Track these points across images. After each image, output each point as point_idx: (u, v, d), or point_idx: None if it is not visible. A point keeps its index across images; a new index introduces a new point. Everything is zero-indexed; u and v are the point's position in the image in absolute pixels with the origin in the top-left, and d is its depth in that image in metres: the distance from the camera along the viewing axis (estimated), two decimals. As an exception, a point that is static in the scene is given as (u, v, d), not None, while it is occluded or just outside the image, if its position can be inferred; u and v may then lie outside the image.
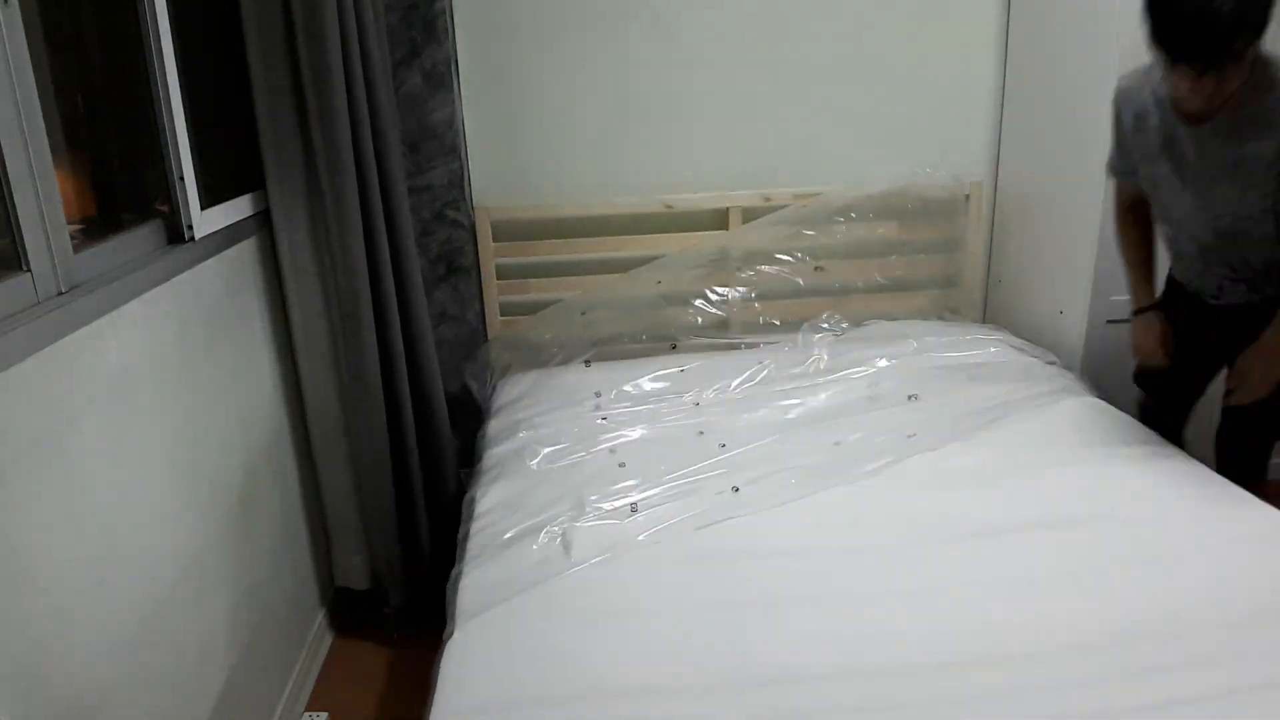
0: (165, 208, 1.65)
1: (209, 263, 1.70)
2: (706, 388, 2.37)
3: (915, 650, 1.33)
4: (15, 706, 1.06)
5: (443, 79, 2.40)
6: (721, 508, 1.76)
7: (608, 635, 1.40)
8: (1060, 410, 2.16)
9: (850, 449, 2.00)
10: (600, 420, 2.21)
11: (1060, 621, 1.38)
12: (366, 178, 2.00)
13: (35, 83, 1.23)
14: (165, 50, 1.61)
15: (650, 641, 1.38)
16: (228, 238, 1.80)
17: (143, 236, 1.56)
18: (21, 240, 1.21)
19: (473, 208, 2.61)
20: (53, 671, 1.16)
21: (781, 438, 2.08)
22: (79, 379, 1.26)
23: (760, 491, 1.82)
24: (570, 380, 2.46)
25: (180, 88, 1.65)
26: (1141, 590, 1.46)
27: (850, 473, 1.89)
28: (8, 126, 1.17)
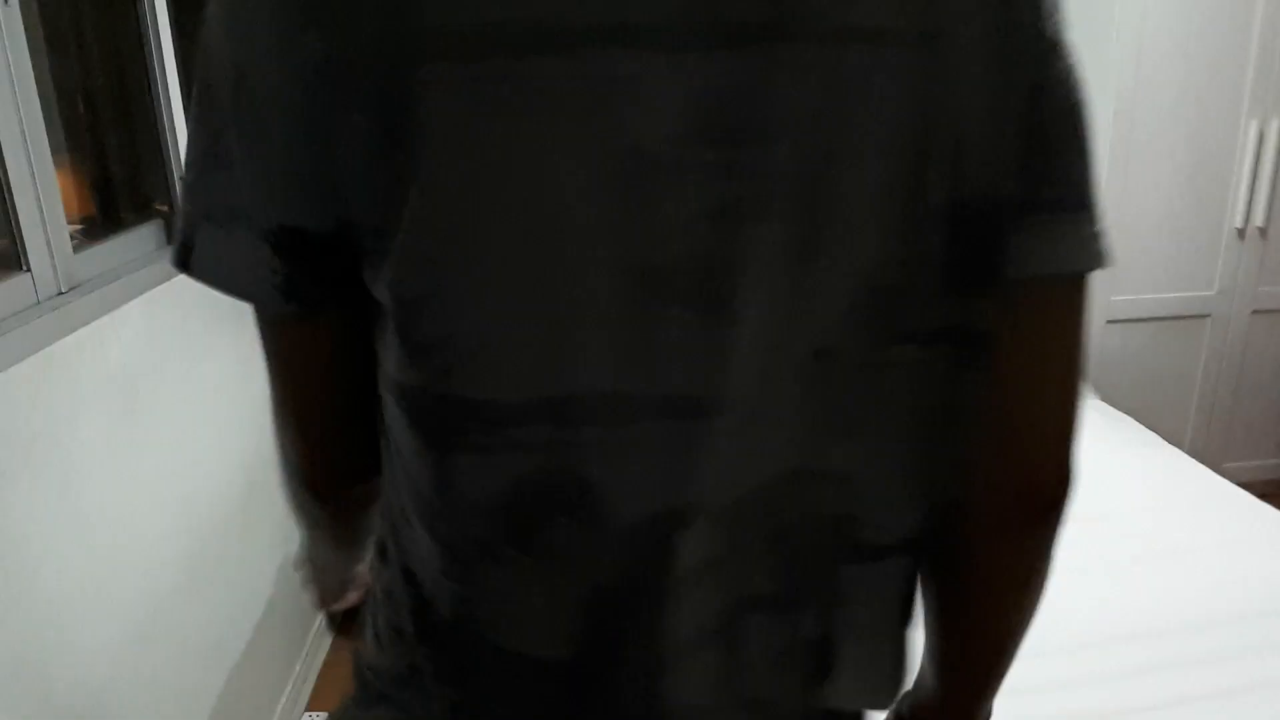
0: (165, 208, 1.65)
1: (209, 263, 1.70)
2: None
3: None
4: (15, 706, 1.06)
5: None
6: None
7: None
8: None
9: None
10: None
11: (1060, 621, 1.38)
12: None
13: (35, 83, 1.23)
14: (165, 50, 1.61)
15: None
16: (228, 238, 1.80)
17: (143, 236, 1.56)
18: (21, 240, 1.21)
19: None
20: (52, 671, 1.16)
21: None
22: (79, 379, 1.26)
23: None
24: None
25: (180, 88, 1.65)
26: (1141, 590, 1.46)
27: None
28: (8, 126, 1.17)
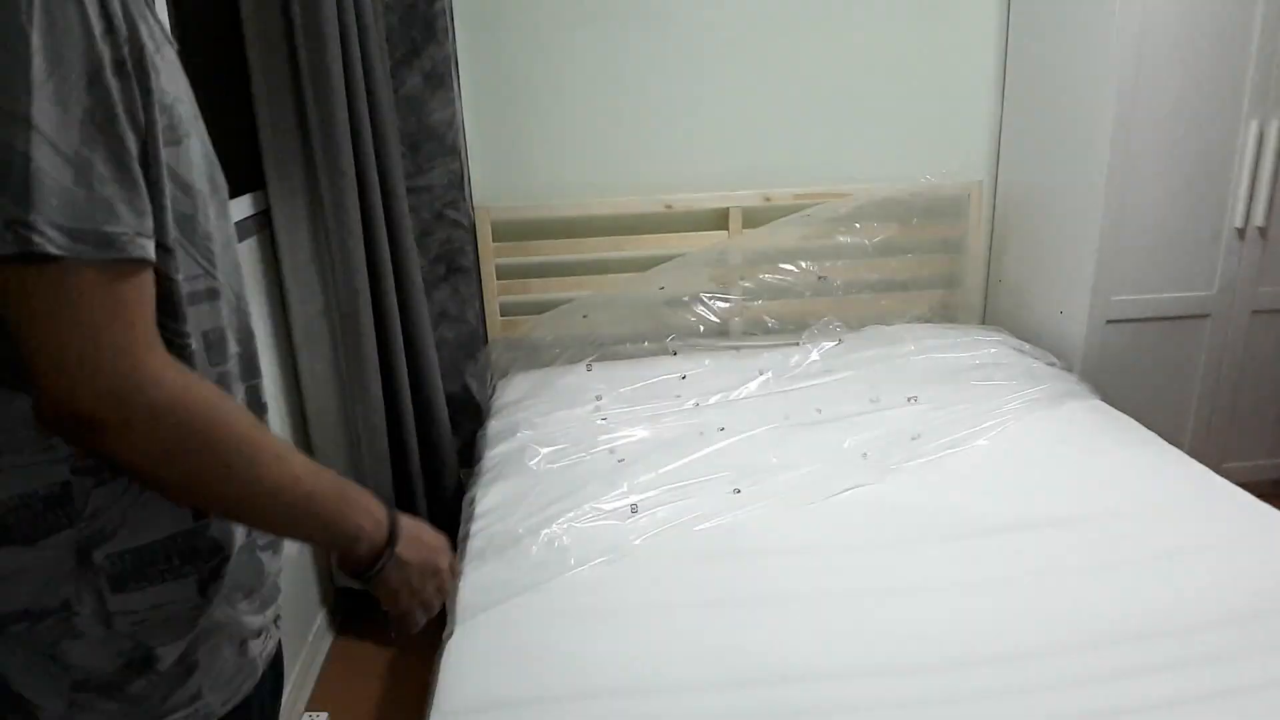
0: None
1: (209, 263, 1.70)
2: (707, 390, 2.37)
3: (915, 648, 1.33)
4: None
5: (443, 79, 2.40)
6: (722, 509, 1.77)
7: (608, 635, 1.40)
8: (1060, 411, 2.16)
9: (851, 451, 2.00)
10: (600, 421, 2.21)
11: (1060, 621, 1.39)
12: (366, 178, 2.00)
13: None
14: (165, 50, 1.61)
15: (650, 641, 1.38)
16: (228, 238, 1.80)
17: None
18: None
19: (473, 208, 2.61)
20: (52, 671, 1.16)
21: (782, 440, 2.08)
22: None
23: (761, 493, 1.82)
24: (571, 381, 2.46)
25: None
26: (1141, 590, 1.46)
27: (852, 475, 1.89)
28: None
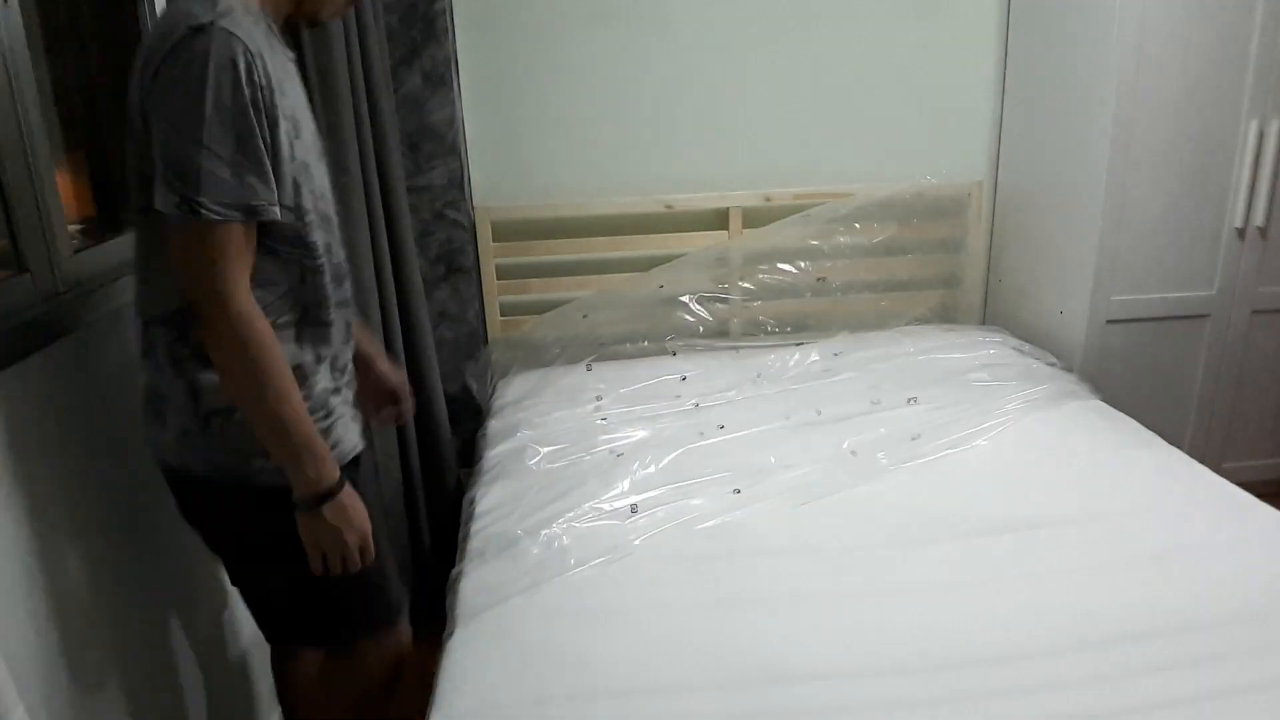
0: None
1: (209, 263, 1.70)
2: (707, 390, 2.37)
3: (915, 649, 1.33)
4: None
5: (443, 79, 2.40)
6: (722, 509, 1.76)
7: (607, 635, 1.40)
8: (1060, 411, 2.16)
9: (851, 451, 2.00)
10: (600, 421, 2.21)
11: (1060, 621, 1.39)
12: (367, 178, 2.00)
13: (35, 83, 1.23)
14: (165, 50, 1.60)
15: (650, 641, 1.38)
16: (228, 238, 1.79)
17: (143, 236, 1.56)
18: (21, 241, 1.21)
19: (473, 208, 2.61)
20: (53, 670, 1.16)
21: (782, 440, 2.08)
22: (78, 379, 1.26)
23: (761, 493, 1.82)
24: (571, 381, 2.46)
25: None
26: (1141, 590, 1.46)
27: (852, 475, 1.89)
28: (8, 126, 1.17)
